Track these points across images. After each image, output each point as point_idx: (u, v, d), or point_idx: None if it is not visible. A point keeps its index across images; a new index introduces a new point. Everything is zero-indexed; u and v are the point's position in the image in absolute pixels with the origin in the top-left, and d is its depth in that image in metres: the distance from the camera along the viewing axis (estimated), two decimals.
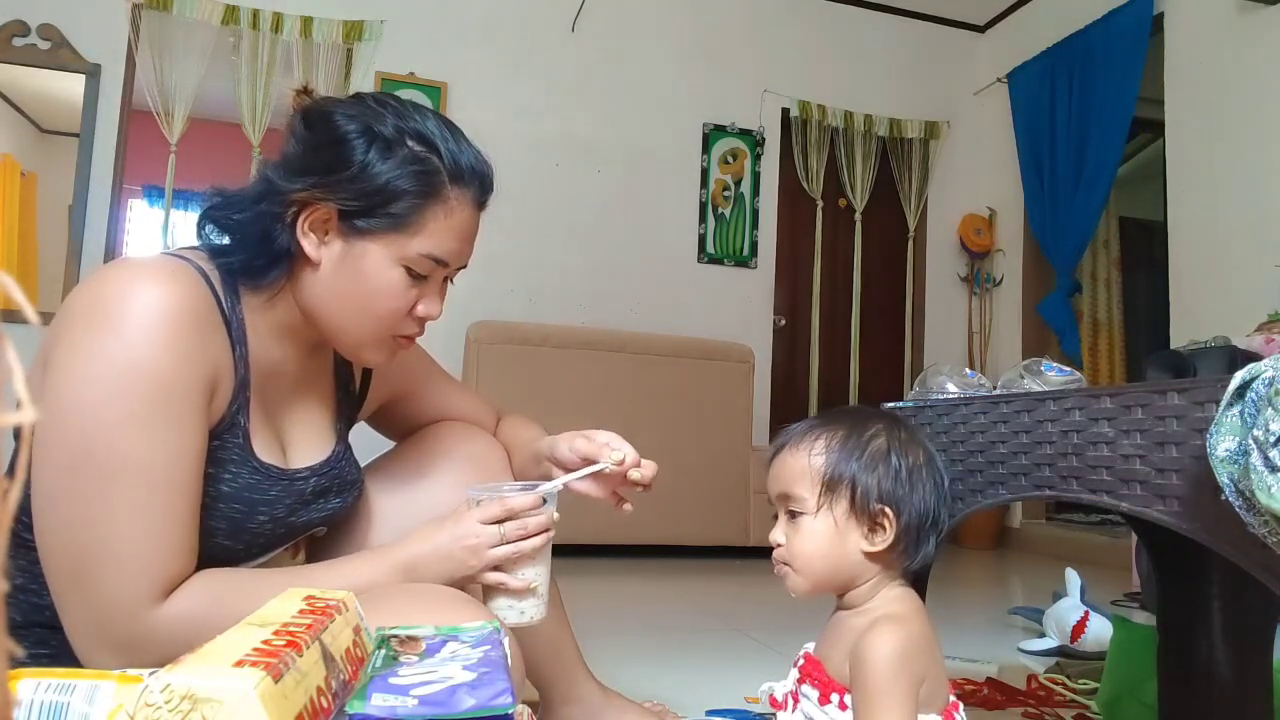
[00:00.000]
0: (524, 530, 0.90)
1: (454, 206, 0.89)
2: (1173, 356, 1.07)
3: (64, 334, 0.79)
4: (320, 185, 0.85)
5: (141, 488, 0.77)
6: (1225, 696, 1.09)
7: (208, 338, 0.83)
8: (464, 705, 0.54)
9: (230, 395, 0.87)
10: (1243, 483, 0.63)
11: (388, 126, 0.87)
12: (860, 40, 4.60)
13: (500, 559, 0.89)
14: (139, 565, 0.77)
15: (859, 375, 4.51)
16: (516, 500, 0.90)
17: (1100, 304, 4.73)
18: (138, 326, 0.77)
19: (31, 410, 0.21)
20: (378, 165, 0.86)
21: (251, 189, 0.89)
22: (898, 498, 0.84)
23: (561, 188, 4.05)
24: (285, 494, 0.92)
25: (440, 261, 0.90)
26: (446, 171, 0.89)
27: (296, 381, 0.98)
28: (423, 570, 0.89)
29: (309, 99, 0.93)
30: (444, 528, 0.90)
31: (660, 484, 1.04)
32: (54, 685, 0.48)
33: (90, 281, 0.82)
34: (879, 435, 0.86)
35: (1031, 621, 2.13)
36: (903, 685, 0.77)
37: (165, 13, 3.59)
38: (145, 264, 0.82)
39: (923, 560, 0.86)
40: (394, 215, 0.86)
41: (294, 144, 0.89)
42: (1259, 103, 3.15)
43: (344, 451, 1.03)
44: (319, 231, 0.88)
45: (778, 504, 0.89)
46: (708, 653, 1.83)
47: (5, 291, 0.22)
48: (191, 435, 0.81)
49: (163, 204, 4.08)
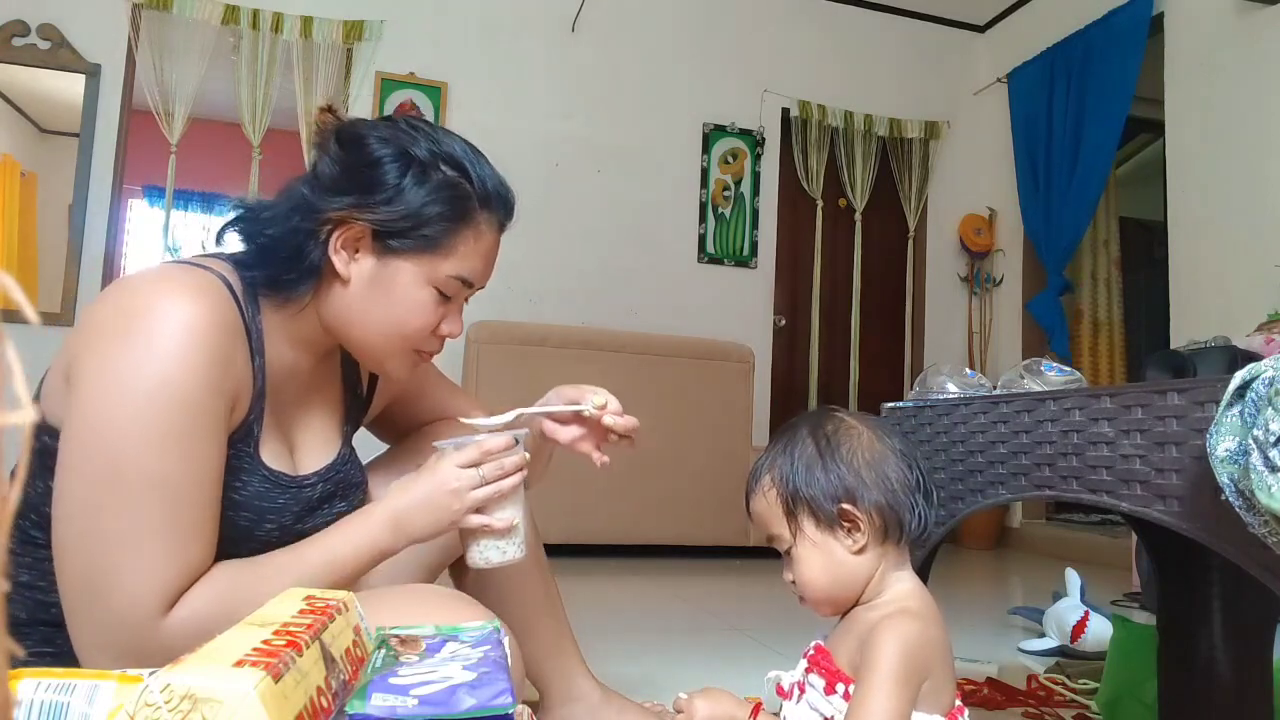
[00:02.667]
0: (502, 470, 0.92)
1: (483, 230, 0.94)
2: (1173, 356, 1.08)
3: (90, 346, 0.79)
4: (356, 206, 0.88)
5: (168, 503, 0.78)
6: (1225, 696, 1.09)
7: (233, 352, 0.84)
8: (464, 705, 0.54)
9: (248, 406, 0.88)
10: (1243, 483, 0.63)
11: (422, 150, 0.90)
12: (860, 40, 4.60)
13: (481, 500, 0.91)
14: (158, 579, 0.77)
15: (859, 375, 4.51)
16: (490, 442, 0.92)
17: (1100, 304, 4.72)
18: (168, 343, 0.78)
19: (33, 411, 0.21)
20: (413, 188, 0.88)
21: (283, 204, 0.90)
22: (847, 487, 0.83)
23: (561, 188, 4.05)
24: (293, 501, 0.93)
25: (467, 283, 0.93)
26: (476, 196, 0.92)
27: (307, 387, 0.99)
28: (409, 522, 0.90)
29: (333, 117, 0.95)
30: (421, 478, 0.91)
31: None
32: (54, 685, 0.48)
33: (116, 293, 0.82)
34: (804, 441, 0.86)
35: (1031, 621, 2.13)
36: (905, 675, 0.77)
37: (165, 13, 3.59)
38: (175, 276, 0.83)
39: (921, 527, 0.85)
40: (427, 237, 0.89)
41: (328, 164, 0.91)
42: (1259, 103, 3.15)
43: (349, 455, 1.04)
44: (350, 249, 0.90)
45: (773, 545, 0.90)
46: (708, 653, 1.83)
47: (5, 291, 0.22)
48: (216, 450, 0.82)
49: (163, 204, 4.08)
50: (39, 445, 0.83)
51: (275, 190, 0.94)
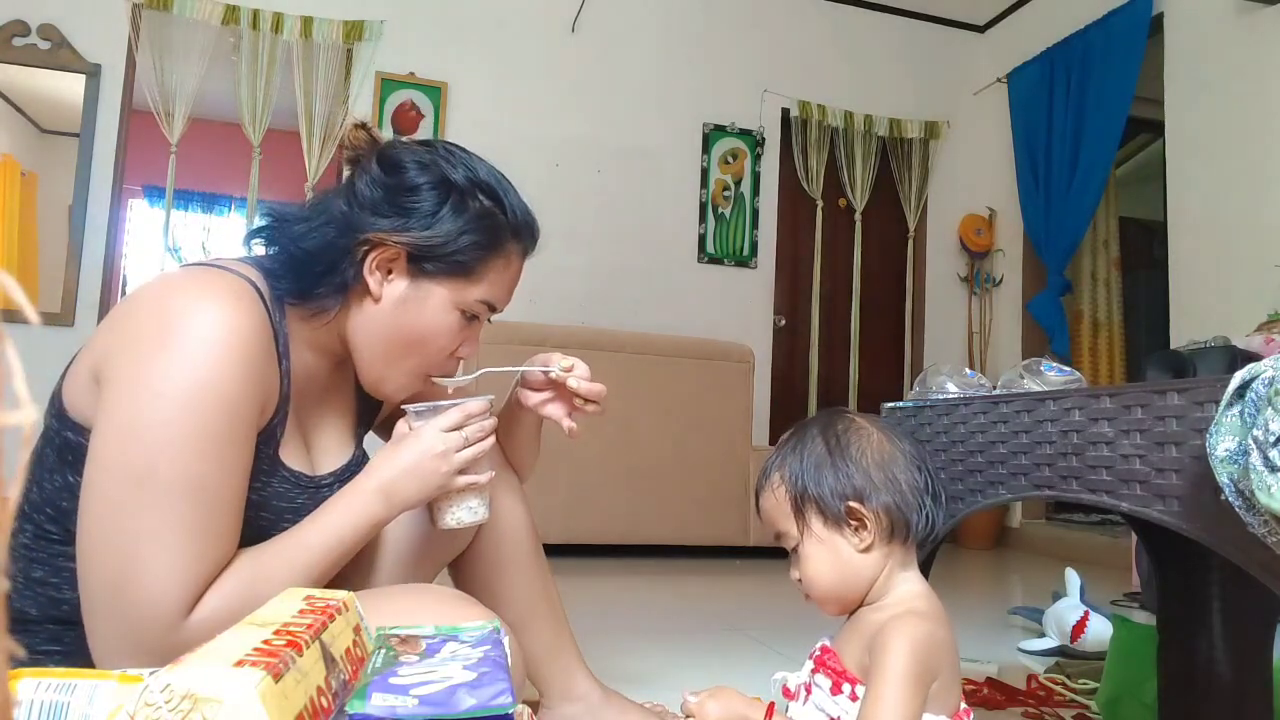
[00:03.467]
0: (483, 431, 0.95)
1: (512, 258, 0.97)
2: (1173, 356, 1.08)
3: (126, 349, 0.80)
4: (396, 229, 0.90)
5: (201, 505, 0.79)
6: (1225, 696, 1.09)
7: (265, 357, 0.86)
8: (464, 705, 0.54)
9: (274, 409, 0.89)
10: (1243, 483, 0.63)
11: (460, 178, 0.93)
12: (860, 40, 4.60)
13: (467, 460, 0.93)
14: (183, 579, 0.78)
15: (859, 375, 4.51)
16: (472, 404, 0.94)
17: (1100, 304, 4.72)
18: (207, 347, 0.79)
19: (33, 410, 0.21)
20: (451, 216, 0.92)
21: (318, 218, 0.92)
22: (855, 486, 0.84)
23: (561, 188, 4.05)
24: (311, 502, 0.94)
25: (492, 308, 0.97)
26: (509, 227, 0.96)
27: (325, 390, 1.01)
28: (400, 491, 0.91)
29: (368, 135, 0.97)
30: (405, 446, 0.93)
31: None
32: (54, 685, 0.48)
33: (150, 295, 0.83)
34: (815, 440, 0.87)
35: (1031, 621, 2.13)
36: (915, 676, 0.77)
37: (165, 13, 3.59)
38: (208, 281, 0.84)
39: (928, 528, 0.85)
40: (460, 263, 0.92)
41: (368, 184, 0.93)
42: (1259, 103, 3.15)
43: (362, 456, 1.06)
44: (384, 269, 0.92)
45: (780, 543, 0.90)
46: (708, 653, 1.83)
47: (5, 291, 0.22)
48: (248, 452, 0.84)
49: (163, 204, 4.08)
50: (60, 441, 0.84)
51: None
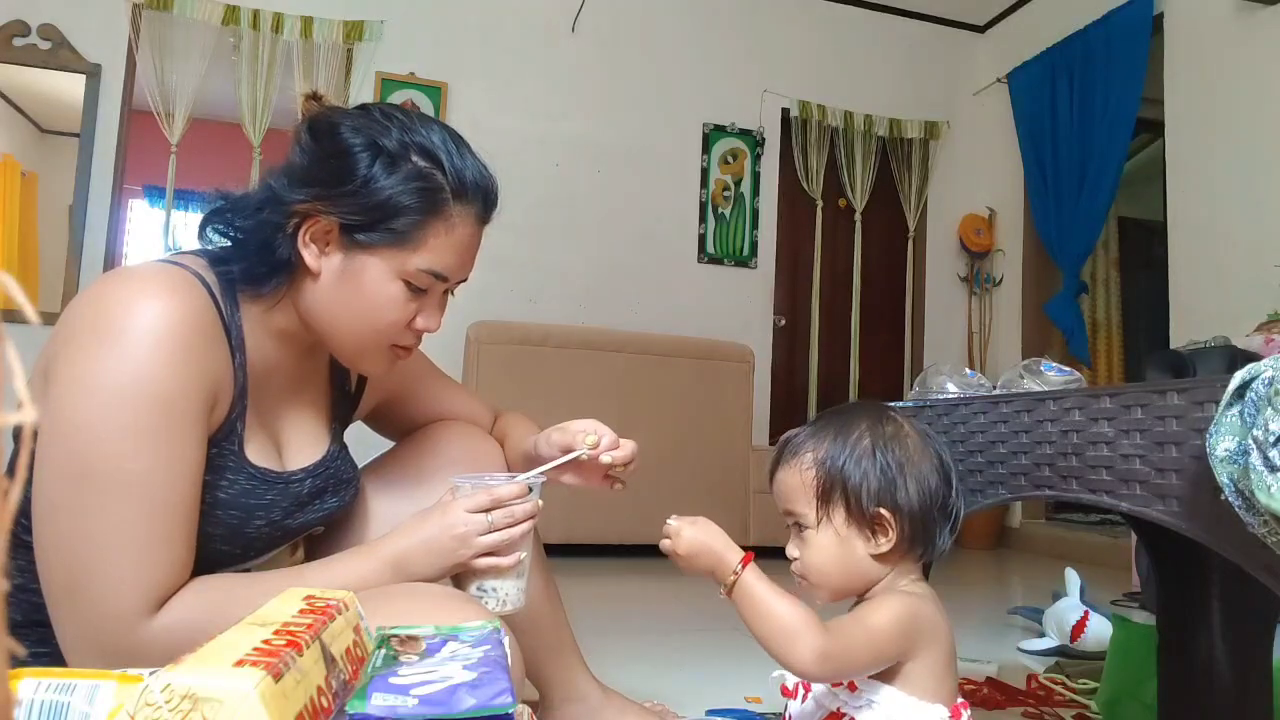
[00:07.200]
0: (511, 518, 0.91)
1: (455, 223, 0.89)
2: (1172, 356, 1.08)
3: (66, 346, 0.78)
4: (323, 198, 0.85)
5: (142, 503, 0.77)
6: (1225, 696, 1.09)
7: (210, 350, 0.83)
8: (464, 705, 0.54)
9: (230, 404, 0.87)
10: (1243, 483, 0.63)
11: (392, 141, 0.87)
12: (860, 40, 4.60)
13: (489, 547, 0.90)
14: (135, 579, 0.77)
15: (859, 375, 4.50)
16: (503, 489, 0.91)
17: (1100, 304, 4.73)
18: (141, 341, 0.77)
19: (32, 410, 0.21)
20: (381, 180, 0.85)
21: (255, 196, 0.89)
22: (892, 496, 0.83)
23: (561, 188, 4.05)
24: (281, 497, 0.92)
25: (440, 277, 0.90)
26: (450, 188, 0.88)
27: (292, 383, 0.99)
28: (412, 564, 0.89)
29: (318, 105, 0.93)
30: (430, 519, 0.91)
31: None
32: (54, 685, 0.48)
33: (92, 292, 0.81)
34: (863, 436, 0.85)
35: (1031, 621, 2.13)
36: (890, 623, 0.78)
37: (165, 13, 3.59)
38: (148, 275, 0.82)
39: (939, 550, 0.85)
40: (395, 231, 0.86)
41: (299, 154, 0.89)
42: (1259, 103, 3.14)
43: (339, 451, 1.04)
44: (320, 243, 0.88)
45: (785, 519, 0.89)
46: (708, 653, 1.83)
47: (5, 291, 0.22)
48: (192, 449, 0.81)
49: (163, 204, 4.08)
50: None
51: None
